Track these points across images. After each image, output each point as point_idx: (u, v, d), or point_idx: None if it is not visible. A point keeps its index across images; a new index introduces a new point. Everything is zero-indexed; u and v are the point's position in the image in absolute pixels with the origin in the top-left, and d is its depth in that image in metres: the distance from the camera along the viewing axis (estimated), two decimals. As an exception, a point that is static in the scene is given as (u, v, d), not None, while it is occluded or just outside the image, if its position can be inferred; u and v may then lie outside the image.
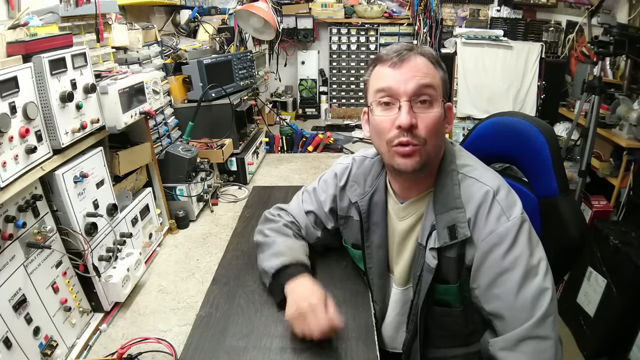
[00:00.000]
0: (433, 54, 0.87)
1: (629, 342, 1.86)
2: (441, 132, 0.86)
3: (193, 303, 1.15)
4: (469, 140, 1.15)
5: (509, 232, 0.79)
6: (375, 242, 1.00)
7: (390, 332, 1.03)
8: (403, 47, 0.85)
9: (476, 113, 2.95)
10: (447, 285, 0.88)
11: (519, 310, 0.78)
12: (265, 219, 1.15)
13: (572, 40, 3.02)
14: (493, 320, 0.83)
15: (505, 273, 0.79)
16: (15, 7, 1.16)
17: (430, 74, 0.83)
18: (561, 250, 0.97)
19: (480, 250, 0.82)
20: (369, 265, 1.02)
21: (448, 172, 0.88)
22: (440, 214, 0.85)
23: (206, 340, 0.91)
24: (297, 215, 1.12)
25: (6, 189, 0.83)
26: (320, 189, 1.11)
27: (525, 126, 1.01)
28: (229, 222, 1.60)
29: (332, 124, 2.99)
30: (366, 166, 1.03)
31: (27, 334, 0.88)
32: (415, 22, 3.05)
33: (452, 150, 0.92)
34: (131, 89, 1.22)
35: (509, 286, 0.79)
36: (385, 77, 0.84)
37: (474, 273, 0.84)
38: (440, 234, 0.85)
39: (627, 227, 2.02)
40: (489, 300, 0.82)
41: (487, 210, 0.82)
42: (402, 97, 0.81)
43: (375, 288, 1.03)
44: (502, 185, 0.85)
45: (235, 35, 2.41)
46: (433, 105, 0.83)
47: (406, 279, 0.98)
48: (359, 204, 1.00)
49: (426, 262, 0.87)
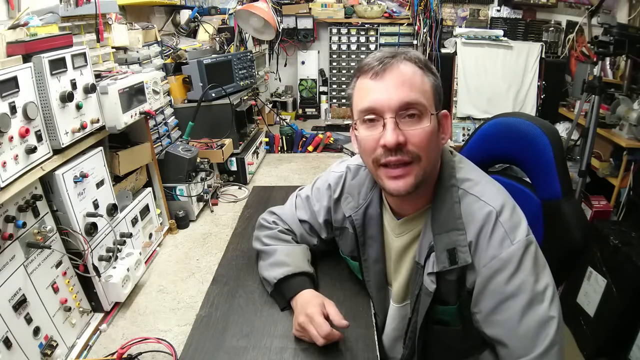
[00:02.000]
0: (420, 58, 0.79)
1: (629, 342, 1.86)
2: (435, 146, 0.80)
3: (193, 303, 1.15)
4: (472, 141, 1.15)
5: (513, 257, 0.75)
6: (372, 256, 0.97)
7: (388, 343, 1.02)
8: (386, 54, 0.78)
9: (476, 113, 2.95)
10: (446, 307, 0.84)
11: (522, 339, 0.74)
12: (260, 226, 1.12)
13: (572, 40, 3.02)
14: (497, 347, 0.79)
15: (508, 300, 0.75)
16: (15, 7, 1.16)
17: (417, 82, 0.76)
18: (564, 254, 0.96)
19: (481, 276, 0.77)
20: (367, 279, 1.00)
21: (448, 188, 0.82)
22: (439, 234, 0.80)
23: (206, 340, 0.91)
24: (292, 224, 1.09)
25: (6, 189, 0.83)
26: (314, 198, 1.06)
27: (529, 127, 1.00)
28: (229, 222, 1.60)
29: (332, 124, 2.99)
30: (361, 176, 0.98)
31: (27, 334, 0.88)
32: (415, 22, 3.05)
33: (451, 162, 0.86)
34: (131, 89, 1.22)
35: (511, 313, 0.75)
36: (367, 91, 0.77)
37: (476, 297, 0.79)
38: (439, 257, 0.79)
39: (627, 227, 2.01)
40: (490, 325, 0.78)
41: (490, 233, 0.76)
42: (386, 114, 0.74)
43: (374, 300, 1.00)
44: (506, 204, 0.79)
45: (235, 35, 2.41)
46: (422, 118, 0.75)
47: (403, 296, 0.95)
48: (353, 217, 0.95)
49: (424, 285, 0.83)
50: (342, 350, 0.87)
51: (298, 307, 0.92)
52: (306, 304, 0.90)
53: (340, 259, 1.13)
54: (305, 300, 0.92)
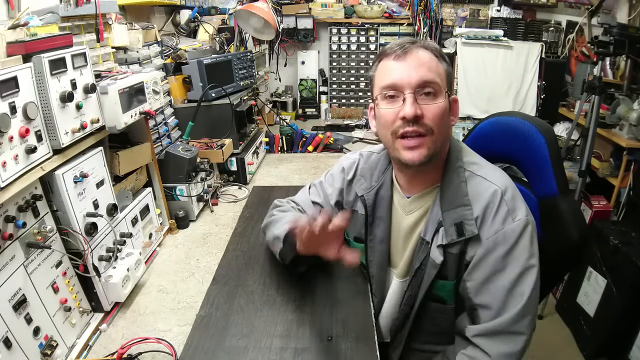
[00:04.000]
0: (436, 47, 0.88)
1: (629, 342, 1.86)
2: (447, 123, 0.87)
3: (193, 303, 1.15)
4: (468, 140, 1.15)
5: (513, 233, 0.81)
6: (378, 236, 1.02)
7: (387, 321, 1.05)
8: (406, 40, 0.87)
9: (476, 113, 2.95)
10: (446, 282, 0.90)
11: (504, 305, 0.81)
12: (274, 206, 1.17)
13: (572, 40, 3.02)
14: (478, 309, 0.85)
15: (501, 271, 0.82)
16: (15, 7, 1.16)
17: (433, 66, 0.84)
18: (561, 251, 0.97)
19: (483, 247, 0.84)
20: (370, 258, 1.04)
21: (455, 168, 0.89)
22: (447, 210, 0.86)
23: (206, 340, 0.91)
24: (304, 205, 1.14)
25: (6, 189, 0.83)
26: (327, 183, 1.13)
27: (525, 126, 1.01)
28: (229, 222, 1.60)
29: (332, 124, 2.99)
30: (373, 161, 1.05)
31: (27, 334, 0.88)
32: (415, 22, 3.06)
33: (458, 147, 0.93)
34: (131, 89, 1.22)
35: (502, 283, 0.82)
36: (390, 70, 0.85)
37: (472, 267, 0.86)
38: (447, 230, 0.86)
39: (627, 227, 2.01)
40: (479, 293, 0.85)
41: (495, 210, 0.83)
42: (406, 90, 0.83)
43: (374, 280, 1.04)
44: (509, 186, 0.86)
45: (235, 35, 2.41)
46: (437, 96, 0.84)
47: (406, 271, 1.00)
48: (365, 197, 1.01)
49: (431, 258, 0.89)
50: (342, 350, 0.87)
51: None
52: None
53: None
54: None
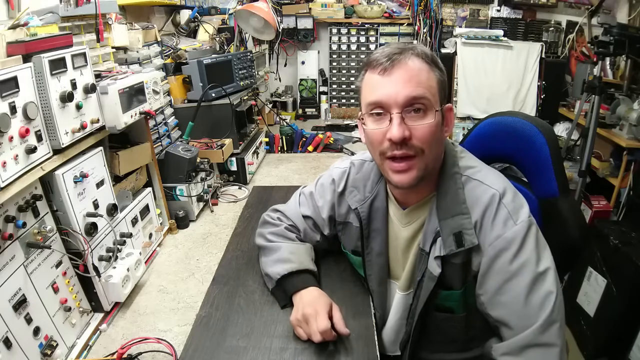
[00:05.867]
0: (427, 53, 0.82)
1: (629, 342, 1.86)
2: (439, 140, 0.83)
3: (193, 303, 1.15)
4: (468, 140, 1.15)
5: (517, 237, 0.77)
6: (375, 249, 0.98)
7: (392, 336, 1.02)
8: (394, 50, 0.80)
9: (476, 113, 2.95)
10: (451, 292, 0.86)
11: (526, 318, 0.76)
12: (265, 222, 1.13)
13: (572, 40, 3.02)
14: (500, 327, 0.81)
15: (512, 279, 0.77)
16: (15, 7, 1.16)
17: (423, 78, 0.79)
18: (562, 251, 0.97)
19: (487, 256, 0.80)
20: (369, 273, 1.01)
21: (451, 175, 0.86)
22: (445, 219, 0.83)
23: (206, 340, 0.91)
24: (295, 219, 1.10)
25: (6, 189, 0.83)
26: (318, 194, 1.08)
27: (525, 126, 1.00)
28: (229, 222, 1.60)
29: (332, 124, 2.99)
30: (365, 170, 1.00)
31: (27, 334, 0.88)
32: (415, 22, 3.05)
33: (453, 152, 0.89)
34: (131, 89, 1.22)
35: (516, 293, 0.77)
36: (375, 86, 0.80)
37: (481, 278, 0.82)
38: (445, 241, 0.82)
39: (627, 227, 2.01)
40: (495, 307, 0.80)
41: (494, 214, 0.79)
42: (393, 109, 0.78)
43: (375, 295, 1.01)
44: (507, 188, 0.83)
45: (235, 35, 2.41)
46: (427, 113, 0.79)
47: (409, 284, 0.96)
48: (359, 210, 0.97)
49: (428, 269, 0.85)
50: (342, 350, 0.87)
51: (304, 301, 0.93)
52: (315, 300, 0.91)
53: (341, 258, 1.14)
54: (314, 297, 0.93)
